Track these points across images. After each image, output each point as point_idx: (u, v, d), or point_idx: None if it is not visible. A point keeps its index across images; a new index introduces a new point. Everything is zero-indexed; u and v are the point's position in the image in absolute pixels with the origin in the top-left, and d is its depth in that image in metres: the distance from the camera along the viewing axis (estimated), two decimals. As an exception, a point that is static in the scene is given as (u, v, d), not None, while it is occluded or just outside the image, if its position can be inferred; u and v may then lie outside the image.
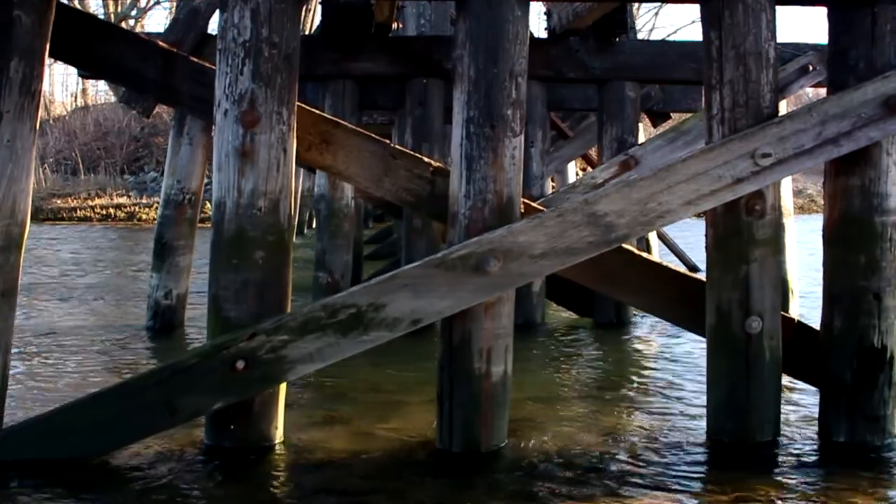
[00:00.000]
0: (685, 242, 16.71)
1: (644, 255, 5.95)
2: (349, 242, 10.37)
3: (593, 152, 13.45)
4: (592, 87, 10.36)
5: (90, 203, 31.51)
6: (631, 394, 7.00)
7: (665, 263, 5.97)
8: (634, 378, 7.66)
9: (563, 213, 5.10)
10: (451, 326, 5.17)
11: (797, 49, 9.33)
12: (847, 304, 5.43)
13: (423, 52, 9.46)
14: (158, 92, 6.00)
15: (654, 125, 13.50)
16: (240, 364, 4.88)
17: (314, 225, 16.80)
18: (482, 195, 5.11)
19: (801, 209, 31.08)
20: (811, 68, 9.42)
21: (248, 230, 5.08)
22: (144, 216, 29.48)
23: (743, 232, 5.30)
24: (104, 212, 30.63)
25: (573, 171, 15.16)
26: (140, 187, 33.81)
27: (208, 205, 18.06)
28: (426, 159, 5.69)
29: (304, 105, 5.42)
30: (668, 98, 11.88)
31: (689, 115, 11.72)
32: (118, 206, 30.92)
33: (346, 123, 5.69)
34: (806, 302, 10.09)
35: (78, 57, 5.85)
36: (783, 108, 10.61)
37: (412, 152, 5.78)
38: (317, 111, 5.66)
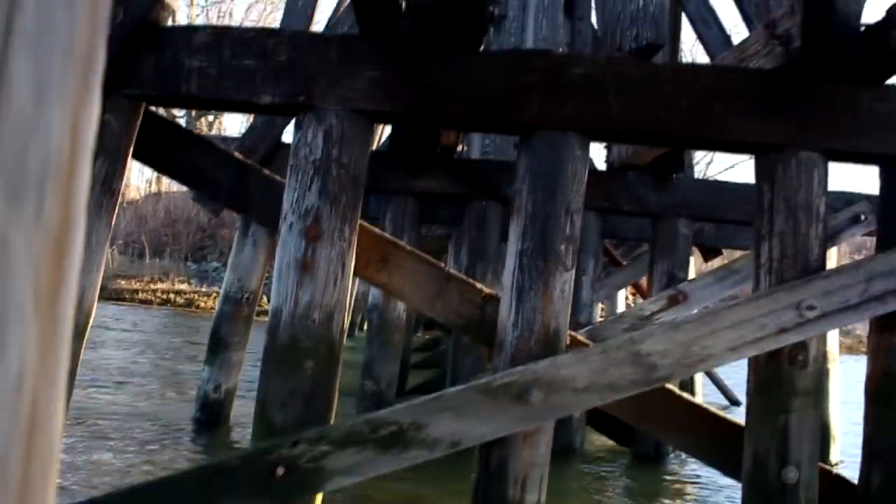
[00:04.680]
0: (728, 375, 16.58)
1: (684, 395, 6.01)
2: (398, 352, 10.54)
3: (643, 282, 13.55)
4: (647, 218, 10.55)
5: (152, 286, 32.21)
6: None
7: (704, 405, 6.03)
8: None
9: (607, 349, 5.21)
10: (489, 452, 5.27)
11: (850, 198, 9.45)
12: (886, 460, 5.43)
13: (483, 175, 9.76)
14: (229, 198, 6.29)
15: (706, 259, 13.62)
16: (280, 470, 5.01)
17: (365, 328, 17.00)
18: (530, 326, 5.26)
19: (848, 349, 30.61)
20: (863, 218, 9.54)
21: (301, 340, 5.27)
22: (202, 304, 30.01)
23: (784, 381, 5.36)
24: (164, 296, 31.27)
25: (623, 298, 15.23)
26: (202, 275, 34.52)
27: (265, 299, 18.50)
28: (478, 285, 5.87)
29: (365, 223, 5.66)
30: (721, 234, 12.01)
31: (739, 252, 11.84)
32: (178, 292, 31.54)
33: (403, 244, 5.90)
34: (847, 448, 9.96)
35: (157, 160, 6.18)
36: (834, 254, 10.70)
37: (465, 277, 5.96)
38: (377, 230, 5.90)
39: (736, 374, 17.10)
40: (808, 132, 5.36)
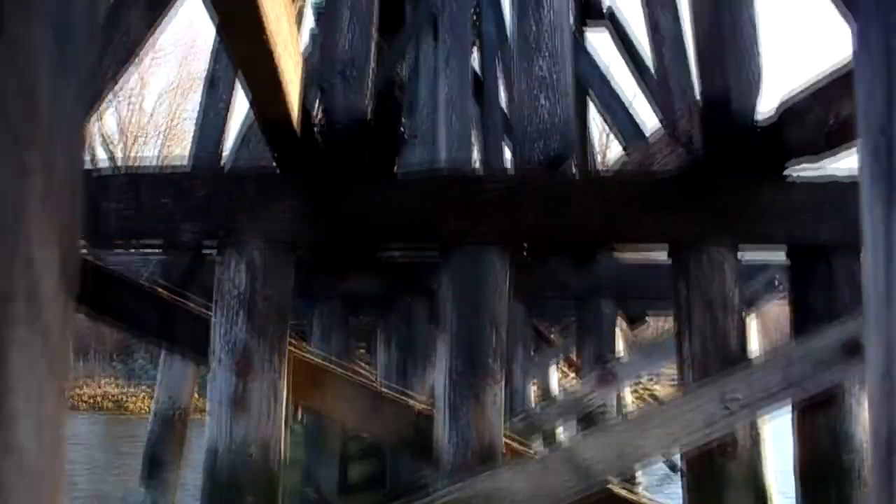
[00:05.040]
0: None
1: (625, 493, 6.09)
2: (335, 452, 10.47)
3: (573, 355, 13.74)
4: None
5: (78, 391, 31.46)
6: None
7: (646, 500, 6.12)
8: None
9: (544, 459, 5.31)
10: (436, 571, 5.28)
11: (764, 266, 9.75)
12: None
13: (408, 273, 9.84)
14: (156, 336, 6.27)
15: (632, 328, 13.83)
16: None
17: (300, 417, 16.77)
18: (465, 440, 5.33)
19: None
20: (777, 283, 9.84)
21: (240, 475, 5.25)
22: (132, 405, 29.40)
23: (717, 473, 5.49)
24: (91, 400, 30.56)
25: (554, 373, 15.41)
26: (129, 374, 33.82)
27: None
28: (411, 402, 5.93)
29: (294, 348, 5.69)
30: (643, 304, 12.24)
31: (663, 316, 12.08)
32: (106, 395, 30.87)
33: (334, 368, 5.95)
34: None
35: (86, 302, 6.15)
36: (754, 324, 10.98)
37: (397, 395, 6.01)
38: (308, 356, 5.93)
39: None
40: (716, 227, 5.57)
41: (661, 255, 6.41)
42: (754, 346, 10.34)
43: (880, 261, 1.90)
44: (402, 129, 5.59)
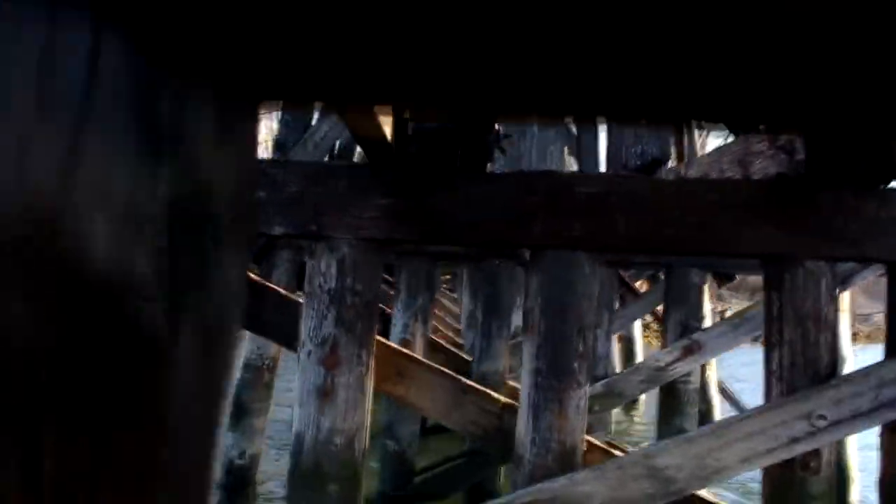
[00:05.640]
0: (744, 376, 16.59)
1: (707, 497, 6.11)
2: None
3: (660, 309, 13.64)
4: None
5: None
6: None
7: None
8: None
9: (623, 465, 5.32)
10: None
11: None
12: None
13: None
14: (246, 321, 6.41)
15: (720, 285, 13.66)
16: None
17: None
18: (546, 443, 5.38)
19: (867, 337, 30.52)
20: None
21: (324, 464, 5.41)
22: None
23: (797, 487, 5.46)
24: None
25: (639, 331, 15.34)
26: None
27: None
28: (495, 395, 5.98)
29: (381, 339, 5.77)
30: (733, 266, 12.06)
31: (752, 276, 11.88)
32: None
33: (418, 357, 6.02)
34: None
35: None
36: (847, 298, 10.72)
37: (481, 388, 6.07)
38: (394, 346, 6.01)
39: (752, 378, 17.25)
40: (814, 241, 5.43)
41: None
42: (844, 323, 10.16)
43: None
44: (497, 129, 5.52)
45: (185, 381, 1.17)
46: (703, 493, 5.71)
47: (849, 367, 10.45)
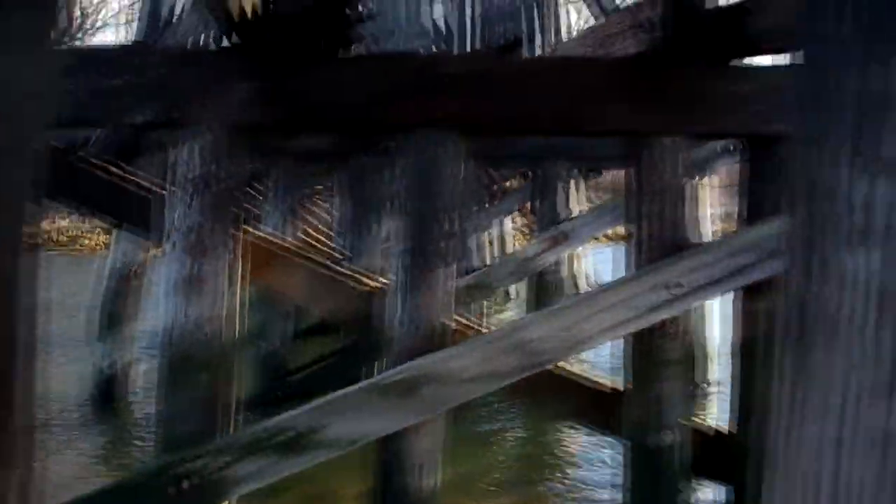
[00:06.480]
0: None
1: (568, 369, 6.32)
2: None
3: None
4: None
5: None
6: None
7: (586, 377, 6.35)
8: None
9: (491, 339, 5.46)
10: (386, 446, 5.51)
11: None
12: (755, 415, 5.87)
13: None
14: (105, 211, 6.27)
15: (587, 180, 13.94)
16: (185, 483, 5.16)
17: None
18: (416, 322, 5.46)
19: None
20: (732, 148, 9.93)
21: (195, 354, 5.37)
22: (88, 242, 29.31)
23: (657, 352, 5.71)
24: (45, 235, 30.38)
25: (510, 225, 15.58)
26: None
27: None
28: (365, 279, 6.02)
29: (248, 228, 5.73)
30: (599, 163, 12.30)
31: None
32: (60, 230, 30.68)
33: (289, 245, 6.00)
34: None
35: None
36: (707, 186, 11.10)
37: (352, 273, 6.10)
38: (261, 234, 5.97)
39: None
40: (669, 118, 5.60)
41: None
42: (706, 212, 10.54)
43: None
44: (360, 6, 5.45)
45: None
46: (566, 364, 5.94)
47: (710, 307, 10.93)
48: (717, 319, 10.58)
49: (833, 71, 0.72)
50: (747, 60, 6.15)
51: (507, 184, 15.45)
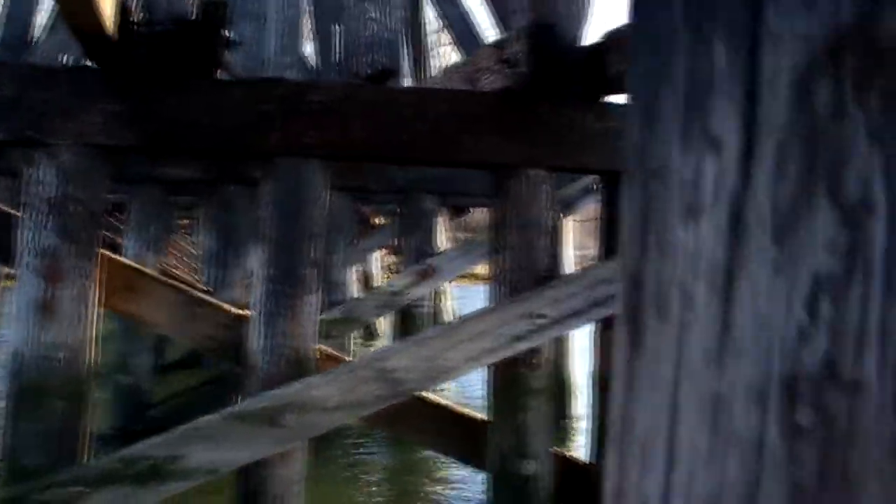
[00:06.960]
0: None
1: (433, 399, 6.35)
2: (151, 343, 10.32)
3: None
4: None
5: None
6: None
7: (452, 406, 6.39)
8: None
9: (355, 368, 5.44)
10: (247, 474, 5.41)
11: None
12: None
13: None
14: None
15: (452, 217, 14.09)
16: (33, 516, 4.95)
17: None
18: (279, 350, 5.40)
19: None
20: (594, 187, 10.24)
21: (47, 381, 5.17)
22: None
23: (521, 383, 5.79)
24: None
25: (376, 259, 15.59)
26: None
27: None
28: (228, 307, 5.92)
29: (107, 252, 5.57)
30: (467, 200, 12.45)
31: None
32: None
33: (149, 271, 5.86)
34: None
35: None
36: (570, 225, 11.40)
37: (214, 301, 6.00)
38: (121, 259, 5.81)
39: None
40: (535, 151, 5.73)
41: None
42: (569, 250, 10.79)
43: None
44: (228, 32, 5.40)
45: None
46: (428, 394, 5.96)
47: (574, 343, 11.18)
48: (583, 354, 10.81)
49: (664, 51, 0.76)
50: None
51: (377, 220, 15.51)
